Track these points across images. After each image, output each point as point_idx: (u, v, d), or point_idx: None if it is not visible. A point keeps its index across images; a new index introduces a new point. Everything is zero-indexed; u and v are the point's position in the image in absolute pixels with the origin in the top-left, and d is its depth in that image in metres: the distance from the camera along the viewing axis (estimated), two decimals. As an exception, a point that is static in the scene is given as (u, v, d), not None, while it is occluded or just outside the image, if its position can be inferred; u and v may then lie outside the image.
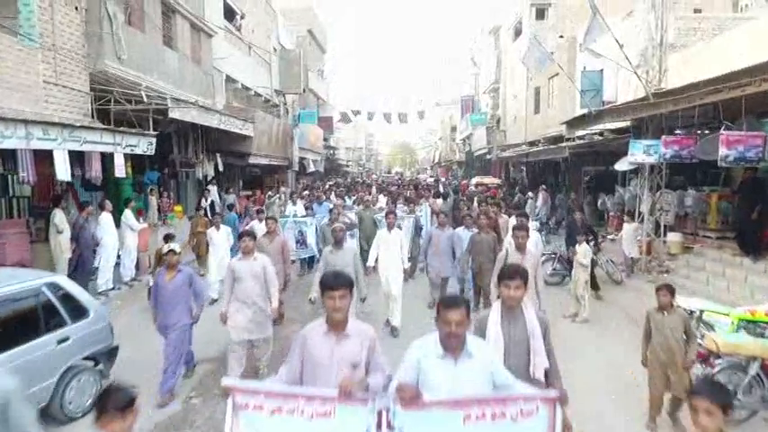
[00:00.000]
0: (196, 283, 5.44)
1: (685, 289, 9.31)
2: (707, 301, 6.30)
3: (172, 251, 5.35)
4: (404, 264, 7.39)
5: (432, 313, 7.65)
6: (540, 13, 23.66)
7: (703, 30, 13.51)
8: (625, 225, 10.57)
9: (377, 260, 7.47)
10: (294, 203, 13.18)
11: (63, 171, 7.59)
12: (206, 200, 14.42)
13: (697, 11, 19.85)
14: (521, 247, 5.26)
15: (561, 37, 21.73)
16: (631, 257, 10.50)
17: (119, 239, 9.77)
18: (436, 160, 57.95)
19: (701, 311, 5.94)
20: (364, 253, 10.02)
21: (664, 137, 9.01)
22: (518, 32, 25.58)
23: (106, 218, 9.22)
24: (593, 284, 8.82)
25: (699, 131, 11.05)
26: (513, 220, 8.92)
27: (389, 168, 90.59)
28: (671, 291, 4.68)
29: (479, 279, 7.82)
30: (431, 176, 51.92)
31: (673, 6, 12.03)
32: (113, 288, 9.29)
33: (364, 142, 77.31)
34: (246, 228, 10.52)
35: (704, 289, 8.90)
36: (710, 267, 9.40)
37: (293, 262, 10.17)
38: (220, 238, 9.08)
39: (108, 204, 9.40)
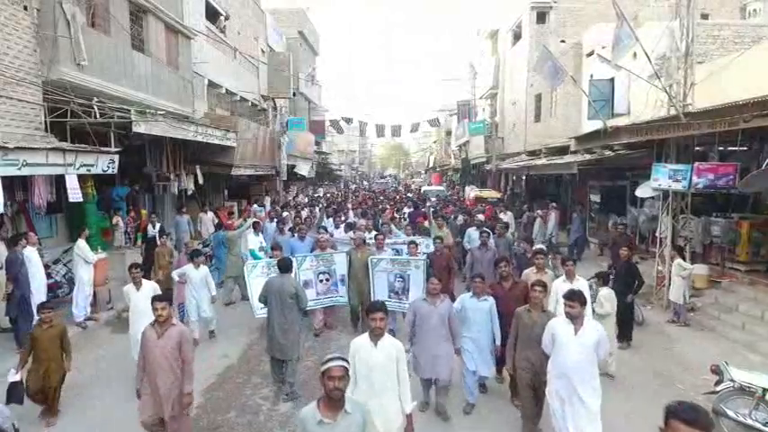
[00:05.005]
0: None
1: (716, 334, 8.24)
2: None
3: None
4: (406, 406, 3.90)
5: (424, 418, 5.29)
6: (541, 17, 22.59)
7: (723, 38, 12.53)
8: (675, 262, 8.54)
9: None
10: (258, 233, 10.19)
11: (-8, 203, 6.37)
12: (153, 226, 11.50)
13: (704, 16, 18.95)
14: None
15: (563, 42, 20.72)
16: (676, 302, 8.58)
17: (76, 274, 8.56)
18: (431, 164, 56.68)
19: (765, 390, 4.83)
20: (354, 310, 8.21)
21: (697, 164, 7.90)
22: (517, 36, 24.52)
23: (29, 254, 7.46)
24: (624, 334, 7.43)
25: (720, 148, 10.01)
26: (558, 284, 6.05)
27: (383, 171, 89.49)
28: None
29: (530, 383, 4.92)
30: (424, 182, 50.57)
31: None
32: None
33: (358, 145, 76.11)
34: (177, 272, 8.00)
35: (740, 336, 7.83)
36: (745, 309, 8.32)
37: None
38: (140, 300, 6.21)
39: (31, 236, 7.84)
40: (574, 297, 4.45)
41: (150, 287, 6.45)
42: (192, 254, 7.99)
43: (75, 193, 8.39)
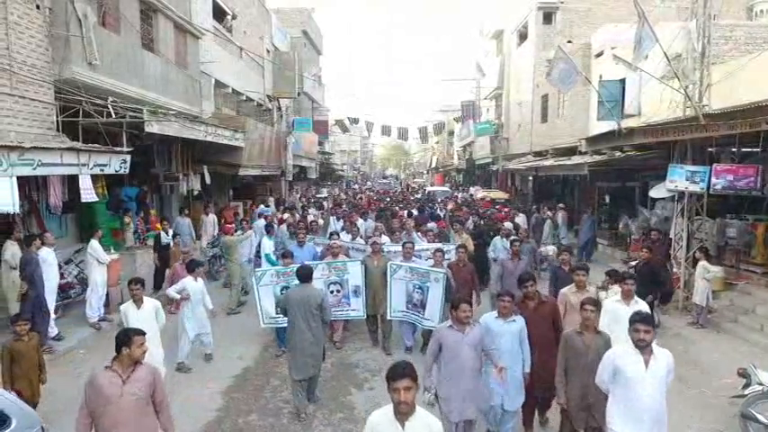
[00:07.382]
0: None
1: (733, 336, 8.20)
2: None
3: None
4: None
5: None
6: (548, 17, 22.57)
7: (735, 39, 12.49)
8: (699, 264, 8.39)
9: None
10: (271, 237, 9.72)
11: (8, 203, 6.30)
12: (167, 233, 10.86)
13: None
14: None
15: (570, 42, 20.67)
16: (699, 305, 8.44)
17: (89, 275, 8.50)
18: (433, 165, 56.51)
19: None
20: (370, 319, 7.79)
21: (715, 165, 7.86)
22: (523, 37, 24.48)
23: (45, 255, 7.43)
24: None
25: (733, 149, 9.94)
26: (611, 306, 5.23)
27: (384, 171, 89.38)
28: None
29: (586, 420, 4.35)
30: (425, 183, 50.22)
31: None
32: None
33: (359, 145, 76.08)
34: (175, 288, 6.96)
35: (758, 339, 7.78)
36: (763, 311, 8.28)
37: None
38: (141, 322, 5.07)
39: (48, 237, 7.75)
40: (648, 320, 3.73)
41: (152, 306, 5.72)
42: (191, 264, 7.18)
43: (88, 194, 8.33)
